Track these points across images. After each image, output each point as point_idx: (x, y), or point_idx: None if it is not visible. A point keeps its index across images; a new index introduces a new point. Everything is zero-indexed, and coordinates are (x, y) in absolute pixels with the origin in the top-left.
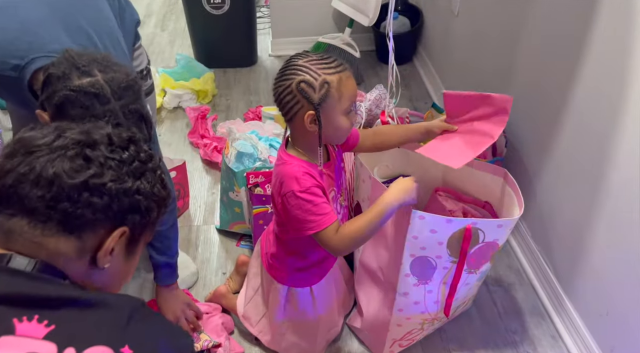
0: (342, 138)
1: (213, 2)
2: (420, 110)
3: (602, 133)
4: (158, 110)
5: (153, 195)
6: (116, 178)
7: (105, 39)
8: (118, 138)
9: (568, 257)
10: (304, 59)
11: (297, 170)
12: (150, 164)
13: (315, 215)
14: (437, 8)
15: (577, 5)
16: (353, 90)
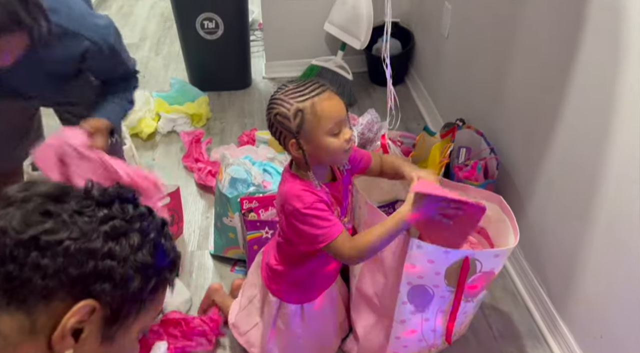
0: (337, 158)
1: (207, 27)
2: (413, 132)
3: (592, 155)
4: (152, 134)
5: (134, 262)
6: (79, 237)
7: None
8: (99, 192)
9: (561, 279)
10: (280, 91)
11: (298, 188)
12: (138, 224)
13: (322, 229)
14: (428, 31)
15: (563, 29)
16: (332, 110)
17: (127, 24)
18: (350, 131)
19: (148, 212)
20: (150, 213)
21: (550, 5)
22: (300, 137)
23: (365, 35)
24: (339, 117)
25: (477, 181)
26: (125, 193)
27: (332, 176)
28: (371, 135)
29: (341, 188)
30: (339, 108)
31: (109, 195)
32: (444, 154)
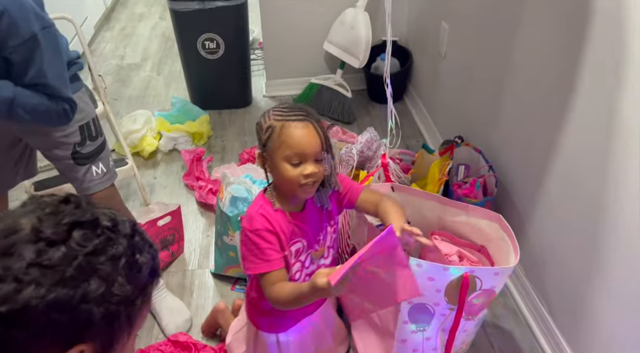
0: (292, 188)
1: (208, 48)
2: (412, 149)
3: (591, 172)
4: (153, 153)
5: (112, 297)
6: (43, 294)
7: None
8: (51, 229)
9: (562, 297)
10: (275, 106)
11: (255, 210)
12: (105, 252)
13: (256, 258)
14: (426, 50)
15: (561, 47)
16: (297, 140)
17: (130, 44)
18: (315, 169)
19: (112, 227)
20: (114, 227)
21: (548, 24)
22: (264, 152)
23: (364, 54)
24: (302, 149)
25: (476, 198)
26: (81, 217)
27: (302, 206)
28: (370, 153)
29: (311, 220)
30: (308, 141)
31: (63, 228)
32: (443, 172)
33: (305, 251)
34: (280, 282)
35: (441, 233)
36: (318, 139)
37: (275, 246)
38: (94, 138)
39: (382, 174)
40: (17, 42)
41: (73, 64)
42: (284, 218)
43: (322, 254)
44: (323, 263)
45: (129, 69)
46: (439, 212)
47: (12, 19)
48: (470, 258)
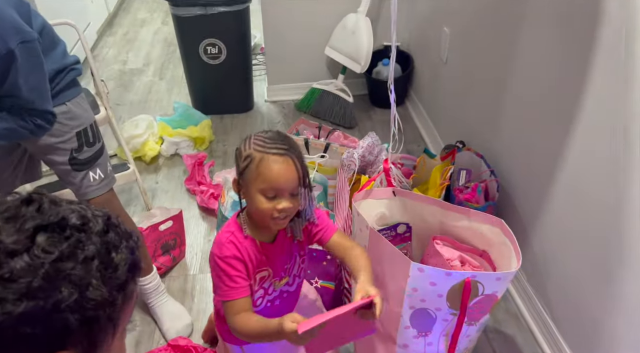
0: (265, 220)
1: (210, 53)
2: (413, 153)
3: (596, 180)
4: (155, 157)
5: (88, 302)
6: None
7: None
8: (12, 236)
9: (565, 302)
10: (259, 133)
11: (225, 237)
12: (75, 256)
13: (224, 284)
14: (427, 54)
15: (563, 52)
16: (275, 174)
17: (132, 49)
18: (289, 204)
19: (82, 225)
20: (84, 225)
21: (550, 28)
22: (241, 179)
23: (365, 59)
24: (279, 184)
25: (477, 203)
26: (45, 220)
27: (274, 237)
28: (372, 158)
29: (281, 252)
30: (285, 177)
31: (24, 235)
32: (445, 176)
33: (269, 279)
34: (245, 311)
35: (443, 238)
36: (296, 175)
37: (242, 274)
38: (91, 144)
39: (383, 179)
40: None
41: (71, 70)
42: (253, 247)
43: (287, 282)
44: (287, 290)
45: (131, 74)
46: (441, 217)
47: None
48: (472, 263)
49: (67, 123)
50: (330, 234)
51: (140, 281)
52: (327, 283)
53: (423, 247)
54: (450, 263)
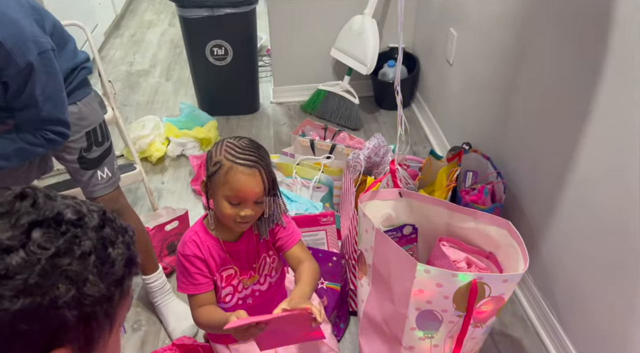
0: (228, 223)
1: (216, 54)
2: (419, 155)
3: (606, 184)
4: (162, 158)
5: (85, 298)
6: (7, 306)
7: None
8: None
9: (573, 306)
10: (233, 138)
11: (188, 236)
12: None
13: (185, 279)
14: (433, 56)
15: (571, 53)
16: (241, 185)
17: (139, 50)
18: (251, 212)
19: (78, 220)
20: (80, 220)
21: (561, 30)
22: (209, 182)
23: (371, 60)
24: (244, 194)
25: (484, 205)
26: (40, 215)
27: (238, 236)
28: (378, 159)
29: (246, 250)
30: (250, 188)
31: (19, 231)
32: (451, 178)
33: (237, 277)
34: (207, 304)
35: (449, 239)
36: (261, 186)
37: (203, 272)
38: (100, 143)
39: (390, 180)
40: (13, 71)
41: (82, 69)
42: (216, 246)
43: (257, 281)
44: (258, 289)
45: (138, 75)
46: (447, 218)
47: (9, 50)
48: (479, 265)
49: (77, 123)
50: (291, 245)
51: (146, 279)
52: (333, 284)
53: (429, 249)
54: (457, 264)
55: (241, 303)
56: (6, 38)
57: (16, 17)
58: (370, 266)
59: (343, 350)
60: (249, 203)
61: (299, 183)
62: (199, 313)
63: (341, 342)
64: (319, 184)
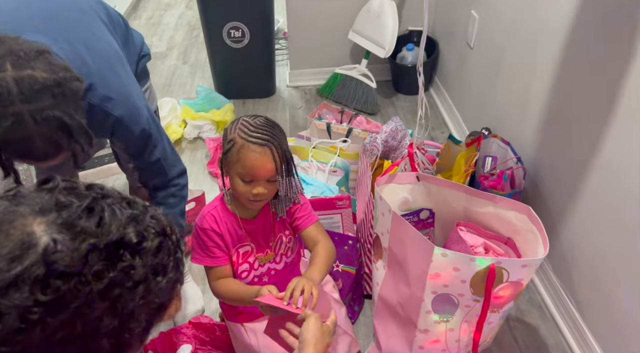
0: (242, 200)
1: (233, 36)
2: (437, 140)
3: (627, 167)
4: (179, 140)
5: (126, 331)
6: (48, 335)
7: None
8: (66, 256)
9: (591, 294)
10: (248, 116)
11: (207, 210)
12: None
13: (202, 252)
14: (453, 40)
15: (598, 35)
16: (251, 162)
17: (156, 33)
18: (264, 191)
19: (137, 244)
20: (139, 245)
21: (585, 10)
22: (224, 159)
23: (390, 43)
24: (254, 172)
25: (503, 191)
26: (103, 239)
27: (255, 213)
28: (395, 143)
29: (263, 227)
30: (261, 166)
31: (79, 255)
32: (470, 163)
33: (253, 254)
34: (225, 277)
35: (467, 224)
36: (272, 165)
37: (219, 246)
38: None
39: (407, 164)
40: (132, 141)
41: (143, 56)
42: (234, 223)
43: (273, 259)
44: (274, 267)
45: (155, 58)
46: (465, 203)
47: (126, 125)
48: (497, 251)
49: None
50: (308, 224)
51: None
52: (348, 267)
53: (446, 234)
54: (474, 250)
55: (257, 281)
56: (123, 115)
57: (125, 86)
58: (386, 249)
59: (357, 333)
60: (261, 181)
61: (315, 166)
62: (217, 285)
63: (355, 324)
64: (335, 168)
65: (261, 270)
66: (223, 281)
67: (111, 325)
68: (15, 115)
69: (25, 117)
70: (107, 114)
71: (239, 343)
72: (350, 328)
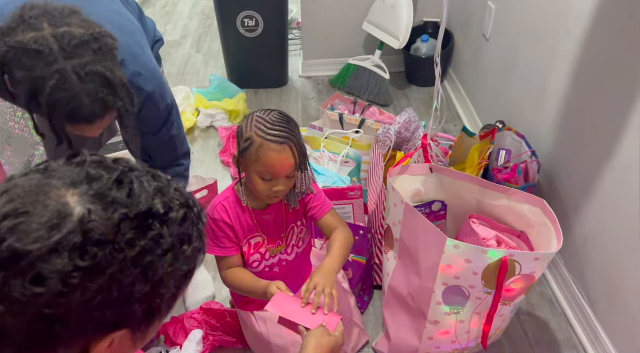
0: (261, 197)
1: (247, 25)
2: (450, 133)
3: None
4: (191, 129)
5: (157, 296)
6: (87, 300)
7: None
8: (101, 226)
9: (604, 290)
10: (263, 112)
11: (218, 201)
12: (155, 251)
13: (212, 242)
14: (469, 32)
15: (616, 28)
16: (272, 161)
17: (170, 21)
18: (284, 187)
19: (165, 215)
20: (166, 216)
21: (603, 4)
22: (240, 157)
23: (405, 34)
24: (276, 170)
25: (517, 184)
26: (133, 209)
27: (266, 205)
28: (408, 135)
29: (275, 219)
30: (281, 164)
31: (112, 223)
32: (483, 156)
33: (265, 245)
34: (235, 267)
35: (480, 217)
36: (292, 161)
37: (230, 237)
38: None
39: (421, 155)
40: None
41: (157, 41)
42: (245, 214)
43: (284, 250)
44: (285, 258)
45: (169, 46)
46: (479, 196)
47: (156, 100)
48: (509, 244)
49: None
50: (324, 213)
51: None
52: (358, 257)
53: (458, 226)
54: (486, 242)
55: (268, 271)
56: (153, 90)
57: (151, 63)
58: (397, 240)
59: (366, 323)
60: (282, 178)
61: (327, 157)
62: (228, 275)
63: (365, 314)
64: (347, 159)
65: (272, 261)
66: (233, 271)
67: (143, 291)
68: (60, 72)
69: (70, 74)
70: (139, 89)
71: (249, 331)
72: (359, 318)
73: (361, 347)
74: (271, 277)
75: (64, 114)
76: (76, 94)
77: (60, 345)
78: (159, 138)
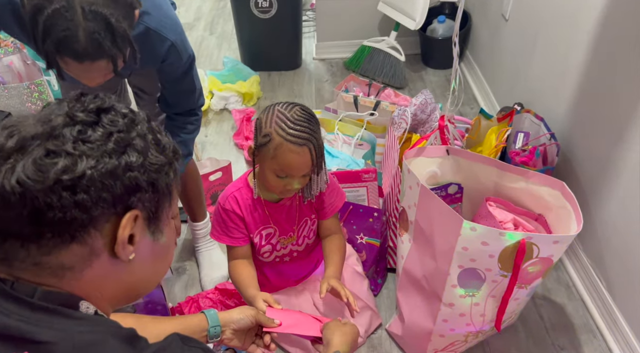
0: (275, 192)
1: (260, 6)
2: (466, 115)
3: None
4: (205, 111)
5: (150, 166)
6: (94, 164)
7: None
8: (82, 112)
9: (623, 274)
10: (284, 106)
11: (230, 191)
12: (133, 130)
13: (220, 229)
14: (487, 12)
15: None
16: (289, 161)
17: (183, 3)
18: (299, 186)
19: (131, 113)
20: (133, 114)
21: None
22: (257, 150)
23: (421, 14)
24: (290, 169)
25: (534, 167)
26: (102, 104)
27: (279, 198)
28: (424, 117)
29: (288, 210)
30: (297, 165)
31: (91, 112)
32: (501, 139)
33: (276, 236)
34: (242, 258)
35: (496, 199)
36: (310, 163)
37: (239, 227)
38: None
39: (438, 137)
40: (180, 66)
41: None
42: (258, 205)
43: (295, 241)
44: (295, 249)
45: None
46: (496, 178)
47: (179, 50)
48: (526, 227)
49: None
50: (329, 215)
51: (195, 226)
52: (372, 239)
53: (474, 209)
54: (503, 225)
55: (278, 261)
56: (176, 39)
57: (174, 15)
58: (412, 223)
59: (380, 305)
60: (294, 176)
61: (341, 139)
62: (231, 266)
63: (378, 297)
64: (361, 141)
65: (283, 252)
66: (236, 265)
67: (139, 161)
68: (65, 7)
69: (76, 5)
70: (163, 38)
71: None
72: (372, 301)
73: (374, 330)
74: (281, 266)
75: (56, 40)
76: (74, 25)
77: (82, 227)
78: (181, 87)
